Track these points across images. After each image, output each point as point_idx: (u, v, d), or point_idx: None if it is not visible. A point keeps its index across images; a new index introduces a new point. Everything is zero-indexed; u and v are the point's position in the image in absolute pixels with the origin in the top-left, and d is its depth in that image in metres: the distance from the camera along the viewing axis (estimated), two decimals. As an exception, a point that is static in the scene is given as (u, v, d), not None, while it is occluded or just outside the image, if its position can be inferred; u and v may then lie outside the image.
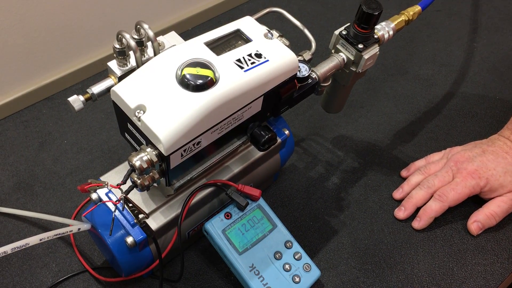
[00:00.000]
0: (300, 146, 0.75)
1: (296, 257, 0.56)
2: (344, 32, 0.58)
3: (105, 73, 0.50)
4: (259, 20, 0.54)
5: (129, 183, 0.46)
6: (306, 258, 0.56)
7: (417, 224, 0.65)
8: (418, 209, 0.66)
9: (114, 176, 0.55)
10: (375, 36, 0.59)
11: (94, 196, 0.51)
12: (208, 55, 0.47)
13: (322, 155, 0.74)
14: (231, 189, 0.56)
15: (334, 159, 0.73)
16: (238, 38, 0.50)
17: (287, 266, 0.55)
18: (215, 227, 0.55)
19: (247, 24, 0.51)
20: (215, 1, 0.92)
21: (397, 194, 0.69)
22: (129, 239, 0.50)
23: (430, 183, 0.66)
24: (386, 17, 0.62)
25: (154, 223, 0.52)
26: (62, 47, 0.76)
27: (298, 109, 0.79)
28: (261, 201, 0.58)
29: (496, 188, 0.64)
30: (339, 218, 0.67)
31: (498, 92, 0.84)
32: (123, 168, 0.55)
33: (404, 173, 0.72)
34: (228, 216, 0.55)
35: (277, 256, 0.56)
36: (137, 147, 0.48)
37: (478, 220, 0.65)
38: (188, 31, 0.90)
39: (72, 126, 0.75)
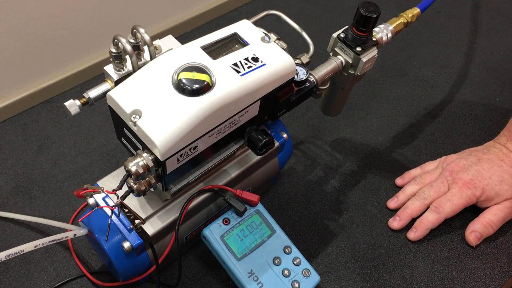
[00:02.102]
0: (299, 149, 0.75)
1: (295, 262, 0.56)
2: (342, 35, 0.58)
3: (104, 76, 0.50)
4: (257, 23, 0.54)
5: (125, 188, 0.46)
6: (305, 264, 0.56)
7: (413, 235, 0.64)
8: (413, 220, 0.66)
9: (111, 180, 0.54)
10: (374, 39, 0.58)
11: (91, 201, 0.50)
12: (204, 59, 0.47)
13: (321, 158, 0.74)
14: (229, 195, 0.55)
15: (333, 162, 0.73)
16: (235, 42, 0.50)
17: (286, 272, 0.55)
18: (213, 233, 0.54)
19: (244, 28, 0.51)
20: (213, 4, 0.92)
21: (392, 203, 0.68)
22: (126, 244, 0.50)
23: (426, 194, 0.65)
24: (386, 19, 0.62)
25: (151, 228, 0.52)
26: (60, 50, 0.75)
27: (296, 111, 0.79)
28: (260, 207, 0.57)
29: (492, 197, 0.64)
30: (338, 221, 0.66)
31: (498, 94, 0.84)
32: (120, 172, 0.55)
33: (399, 181, 0.71)
34: (226, 222, 0.55)
35: (276, 261, 0.55)
36: (134, 152, 0.48)
37: (475, 230, 0.64)
38: (187, 33, 0.90)
39: (70, 129, 0.75)
